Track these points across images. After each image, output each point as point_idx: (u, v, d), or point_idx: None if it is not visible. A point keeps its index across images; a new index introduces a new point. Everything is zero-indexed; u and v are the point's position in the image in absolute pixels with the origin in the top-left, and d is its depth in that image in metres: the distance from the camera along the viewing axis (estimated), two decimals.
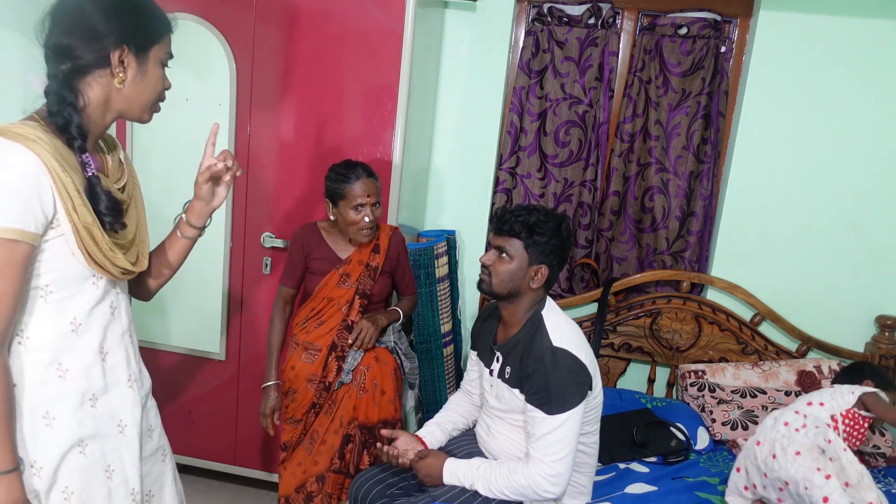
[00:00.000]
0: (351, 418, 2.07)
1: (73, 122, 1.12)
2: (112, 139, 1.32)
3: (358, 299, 2.06)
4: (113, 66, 1.14)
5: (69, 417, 1.17)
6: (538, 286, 1.72)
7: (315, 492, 2.11)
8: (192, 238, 1.41)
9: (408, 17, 2.16)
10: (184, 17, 2.25)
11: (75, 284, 1.16)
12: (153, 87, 1.21)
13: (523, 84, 2.67)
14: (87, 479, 1.20)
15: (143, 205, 1.36)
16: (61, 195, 1.08)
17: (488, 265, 1.73)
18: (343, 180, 1.98)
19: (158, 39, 1.20)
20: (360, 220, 1.98)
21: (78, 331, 1.18)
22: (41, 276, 1.12)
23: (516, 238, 1.69)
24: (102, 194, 1.15)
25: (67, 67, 1.12)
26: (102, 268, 1.16)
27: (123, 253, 1.21)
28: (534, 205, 1.76)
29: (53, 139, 1.10)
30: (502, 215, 1.73)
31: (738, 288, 2.59)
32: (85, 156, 1.14)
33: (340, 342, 2.06)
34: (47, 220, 1.08)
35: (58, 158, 1.08)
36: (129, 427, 1.27)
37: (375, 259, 2.09)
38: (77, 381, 1.18)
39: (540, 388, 1.63)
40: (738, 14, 2.56)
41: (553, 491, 1.62)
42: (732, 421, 2.34)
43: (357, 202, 1.97)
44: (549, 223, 1.69)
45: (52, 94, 1.13)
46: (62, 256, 1.12)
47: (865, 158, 2.47)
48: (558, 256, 1.72)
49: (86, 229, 1.12)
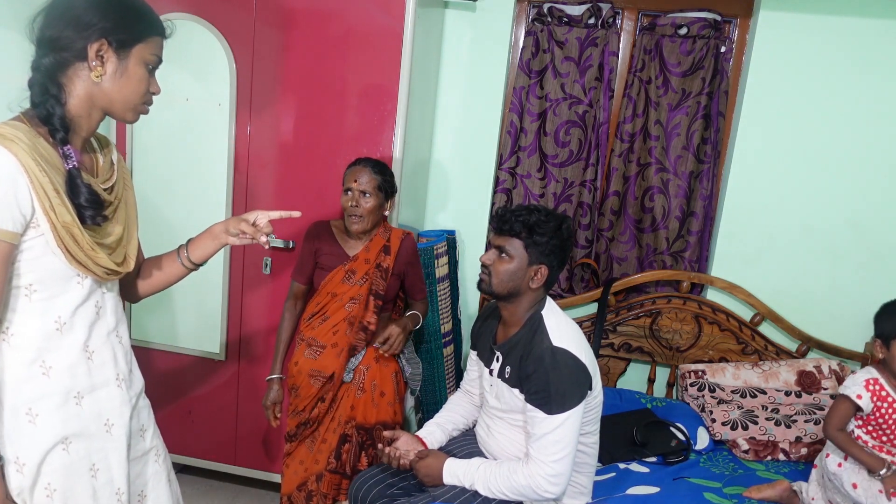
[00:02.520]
0: (349, 418, 2.07)
1: (55, 113, 1.12)
2: (105, 139, 1.32)
3: (372, 300, 2.09)
4: (89, 58, 1.14)
5: (53, 415, 1.17)
6: (538, 286, 1.72)
7: (315, 491, 2.11)
8: (189, 269, 1.43)
9: (408, 17, 2.16)
10: (184, 17, 2.25)
11: (60, 284, 1.17)
12: (134, 87, 1.20)
13: (523, 84, 2.67)
14: (71, 477, 1.20)
15: (134, 207, 1.35)
16: (38, 194, 1.08)
17: (488, 265, 1.73)
18: (347, 168, 2.08)
19: (142, 39, 1.19)
20: (346, 205, 2.05)
21: (62, 330, 1.18)
22: (24, 276, 1.13)
23: (516, 238, 1.69)
24: (83, 187, 1.14)
25: (49, 59, 1.13)
26: (85, 267, 1.16)
27: (109, 253, 1.21)
28: (535, 205, 1.76)
29: (35, 138, 1.11)
30: (503, 215, 1.73)
31: (738, 288, 2.59)
32: (67, 148, 1.14)
33: (356, 342, 2.08)
34: (26, 219, 1.09)
35: (36, 158, 1.08)
36: (116, 427, 1.27)
37: (387, 260, 2.11)
38: (61, 379, 1.19)
39: (540, 388, 1.63)
40: (738, 14, 2.56)
41: (553, 491, 1.62)
42: (732, 421, 2.34)
43: (346, 185, 2.05)
44: (550, 223, 1.69)
45: (35, 85, 1.13)
46: (44, 256, 1.13)
47: (865, 158, 2.47)
48: (558, 257, 1.72)
49: (65, 228, 1.12)
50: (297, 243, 2.35)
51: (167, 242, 1.49)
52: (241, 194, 2.38)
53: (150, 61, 1.21)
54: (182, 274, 1.42)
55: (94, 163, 1.26)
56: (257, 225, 1.37)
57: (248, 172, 2.36)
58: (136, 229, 1.34)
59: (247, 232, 1.34)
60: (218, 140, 2.34)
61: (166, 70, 1.27)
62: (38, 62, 1.14)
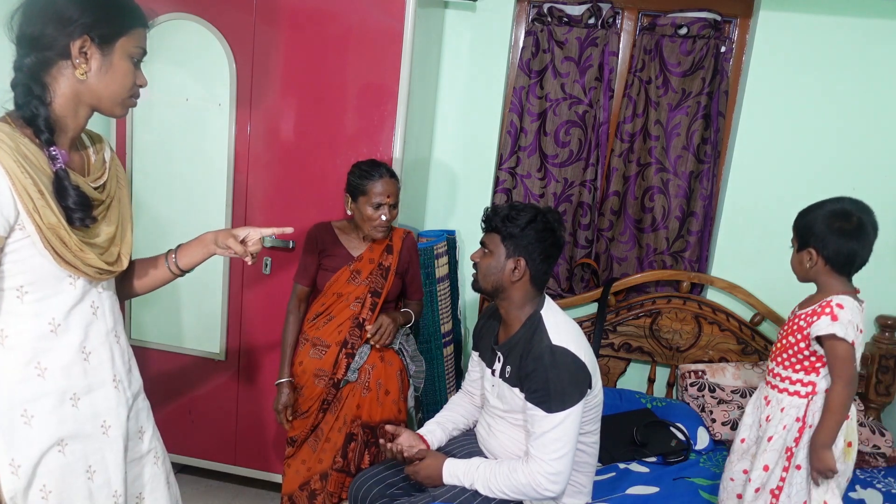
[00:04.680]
0: (354, 417, 2.07)
1: (39, 114, 1.10)
2: (98, 136, 1.30)
3: (370, 297, 2.08)
4: (73, 56, 1.12)
5: (48, 416, 1.17)
6: (518, 279, 1.70)
7: (318, 490, 2.12)
8: (175, 275, 1.42)
9: (408, 17, 2.16)
10: (184, 17, 2.25)
11: (52, 285, 1.15)
12: (121, 81, 1.18)
13: (523, 84, 2.67)
14: (67, 479, 1.19)
15: (129, 205, 1.33)
16: (21, 196, 1.06)
17: (476, 262, 1.77)
18: (366, 177, 2.01)
19: (125, 32, 1.16)
20: (377, 218, 2.01)
21: (57, 331, 1.17)
22: (15, 277, 1.12)
23: (495, 232, 1.72)
24: (70, 188, 1.12)
25: (31, 59, 1.11)
26: (75, 267, 1.15)
27: (100, 253, 1.20)
28: (521, 202, 1.77)
29: (20, 139, 1.09)
30: (487, 213, 1.76)
31: (738, 288, 2.59)
32: (53, 149, 1.12)
33: (351, 339, 2.07)
34: (9, 222, 1.07)
35: (17, 159, 1.06)
36: (112, 428, 1.26)
37: (388, 259, 2.11)
38: (56, 381, 1.18)
39: (539, 387, 1.63)
40: (738, 14, 2.56)
41: (553, 489, 1.62)
42: (732, 421, 2.34)
43: (377, 200, 2.00)
44: (525, 213, 1.69)
45: (18, 86, 1.11)
46: (32, 257, 1.12)
47: (865, 158, 2.47)
48: (538, 249, 1.69)
49: (50, 230, 1.10)
50: (296, 243, 2.35)
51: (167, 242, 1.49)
52: (241, 194, 2.38)
53: (135, 54, 1.19)
54: (168, 279, 1.41)
55: (84, 160, 1.24)
56: (246, 242, 1.37)
57: (248, 172, 2.36)
58: (132, 228, 1.32)
59: (233, 248, 1.35)
60: (218, 140, 2.34)
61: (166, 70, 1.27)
62: (20, 62, 1.12)
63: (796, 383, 1.74)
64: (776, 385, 1.77)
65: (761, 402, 1.81)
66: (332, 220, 2.19)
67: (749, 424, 1.84)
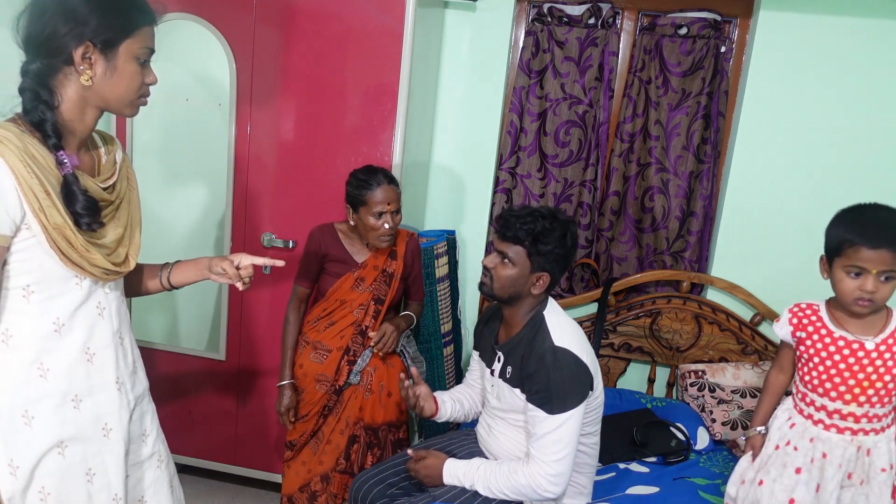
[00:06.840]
0: (357, 419, 2.07)
1: (47, 119, 1.11)
2: (111, 137, 1.30)
3: (373, 305, 2.07)
4: (76, 63, 1.11)
5: (49, 417, 1.16)
6: (539, 292, 1.71)
7: (319, 491, 2.11)
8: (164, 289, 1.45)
9: (408, 17, 2.16)
10: (184, 17, 2.25)
11: (58, 285, 1.15)
12: (127, 84, 1.17)
13: (523, 84, 2.67)
14: (66, 481, 1.19)
15: (138, 206, 1.34)
16: (27, 196, 1.07)
17: (490, 268, 1.72)
18: (364, 186, 1.96)
19: (129, 34, 1.15)
20: (381, 227, 1.97)
21: (61, 331, 1.17)
22: (21, 276, 1.12)
23: (520, 245, 1.66)
24: (79, 193, 1.12)
25: (37, 65, 1.11)
26: (80, 268, 1.15)
27: (108, 254, 1.20)
28: (540, 209, 1.70)
29: (28, 139, 1.09)
30: (507, 220, 1.69)
31: (738, 288, 2.59)
32: (61, 154, 1.12)
33: (354, 346, 2.06)
34: (15, 221, 1.07)
35: (24, 160, 1.06)
36: (114, 431, 1.26)
37: (392, 265, 2.09)
38: (58, 382, 1.17)
39: (541, 388, 1.63)
40: (738, 14, 2.56)
41: (553, 490, 1.62)
42: (732, 421, 2.34)
43: (377, 209, 1.95)
44: (555, 232, 1.65)
45: (25, 91, 1.11)
46: (38, 257, 1.12)
47: (865, 158, 2.47)
48: (561, 265, 1.70)
49: (56, 230, 1.10)
50: (297, 243, 2.35)
51: (166, 242, 1.49)
52: (241, 194, 2.38)
53: (141, 55, 1.18)
54: (157, 290, 1.45)
55: (94, 160, 1.24)
56: (240, 268, 1.38)
57: (248, 172, 2.36)
58: (140, 229, 1.33)
59: (227, 270, 1.37)
60: (218, 140, 2.34)
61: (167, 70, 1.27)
62: (26, 68, 1.12)
63: (887, 415, 1.60)
64: (875, 428, 1.60)
65: (851, 453, 1.60)
66: (334, 222, 2.17)
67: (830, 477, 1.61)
